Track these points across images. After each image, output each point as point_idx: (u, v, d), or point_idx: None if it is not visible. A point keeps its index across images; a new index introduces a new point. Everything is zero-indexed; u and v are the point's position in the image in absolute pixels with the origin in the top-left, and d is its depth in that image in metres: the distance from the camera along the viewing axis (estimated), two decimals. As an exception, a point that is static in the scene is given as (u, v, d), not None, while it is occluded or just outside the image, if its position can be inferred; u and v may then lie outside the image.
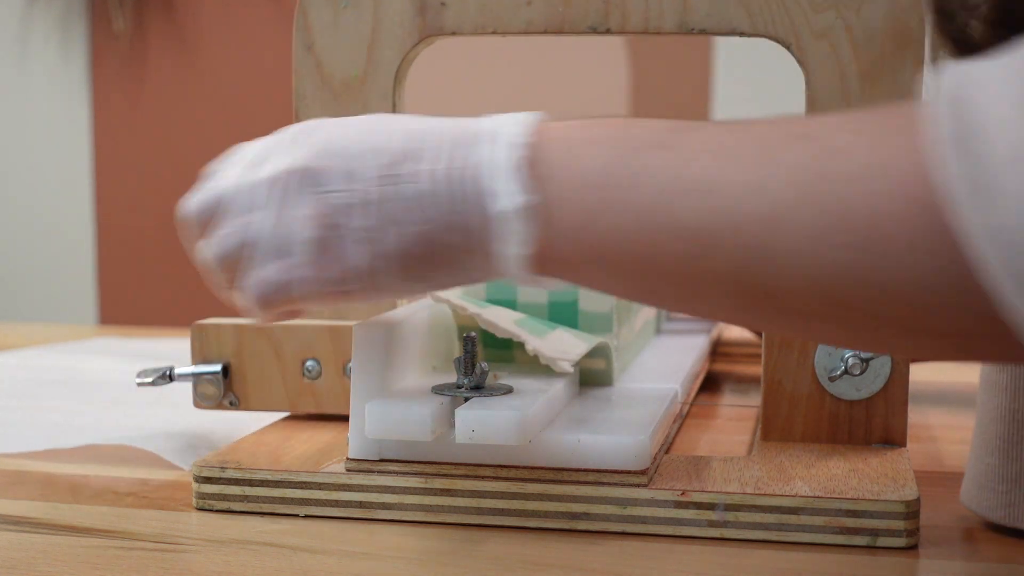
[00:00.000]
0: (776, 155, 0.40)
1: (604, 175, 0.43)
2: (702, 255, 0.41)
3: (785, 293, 0.40)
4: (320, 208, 0.46)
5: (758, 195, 0.39)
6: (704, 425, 0.69)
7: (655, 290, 0.44)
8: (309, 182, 0.47)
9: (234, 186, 0.49)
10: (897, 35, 0.57)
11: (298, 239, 0.47)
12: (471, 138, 0.46)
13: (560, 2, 0.60)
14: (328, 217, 0.46)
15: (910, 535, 0.49)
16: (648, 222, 0.42)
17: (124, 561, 0.48)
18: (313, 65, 0.63)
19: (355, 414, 0.53)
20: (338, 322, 0.63)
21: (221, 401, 0.64)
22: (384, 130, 0.47)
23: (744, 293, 0.41)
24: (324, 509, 0.53)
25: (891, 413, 0.59)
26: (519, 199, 0.44)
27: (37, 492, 0.58)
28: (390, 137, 0.47)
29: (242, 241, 0.48)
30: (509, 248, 0.45)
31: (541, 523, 0.52)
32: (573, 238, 0.44)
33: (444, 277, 0.47)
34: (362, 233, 0.46)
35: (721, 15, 0.58)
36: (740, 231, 0.40)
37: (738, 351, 0.89)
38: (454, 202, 0.45)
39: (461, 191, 0.45)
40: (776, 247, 0.39)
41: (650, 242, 0.42)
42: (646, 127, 0.44)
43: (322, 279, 0.47)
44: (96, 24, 2.40)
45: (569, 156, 0.45)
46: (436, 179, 0.46)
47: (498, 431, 0.50)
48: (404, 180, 0.46)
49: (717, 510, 0.50)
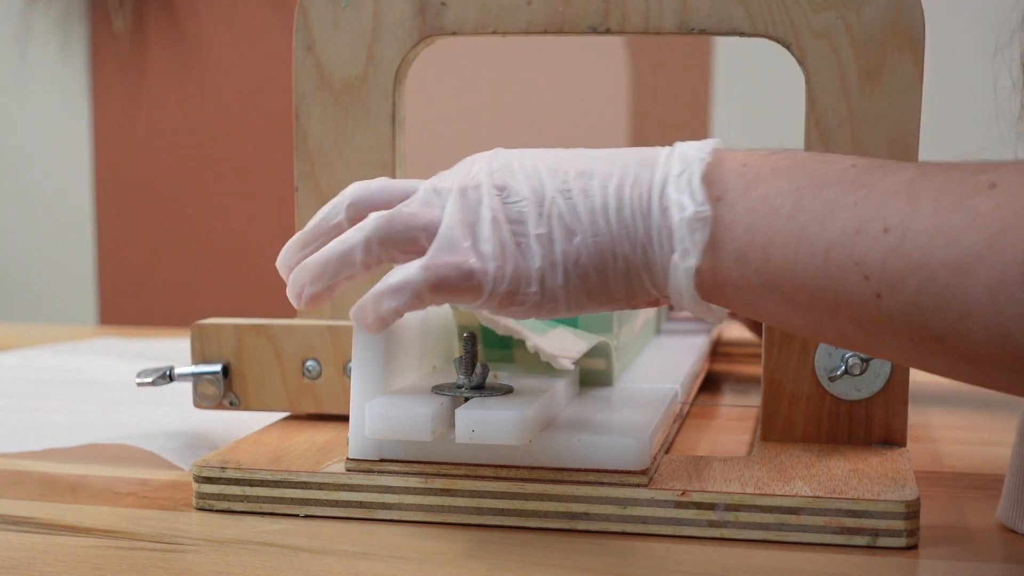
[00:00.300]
0: (966, 203, 0.40)
1: (789, 205, 0.44)
2: (886, 296, 0.42)
3: (965, 339, 0.41)
4: (505, 213, 0.48)
5: (948, 243, 0.40)
6: (704, 425, 0.69)
7: (832, 325, 0.45)
8: (495, 191, 0.49)
9: (413, 185, 0.51)
10: (897, 35, 0.57)
11: (484, 235, 0.48)
12: (647, 158, 0.48)
13: (560, 2, 0.60)
14: (511, 222, 0.48)
15: (910, 535, 0.49)
16: (829, 260, 0.43)
17: (124, 561, 0.48)
18: (313, 65, 0.63)
19: (355, 414, 0.53)
20: (338, 322, 0.63)
21: (221, 401, 0.64)
22: (561, 156, 0.50)
23: (925, 337, 0.42)
24: (324, 509, 0.54)
25: (891, 413, 0.59)
26: (690, 210, 0.46)
27: (37, 492, 0.58)
28: (567, 162, 0.49)
29: (426, 223, 0.49)
30: (678, 260, 0.46)
31: (541, 523, 0.52)
32: (743, 261, 0.45)
33: (613, 291, 0.48)
34: (541, 239, 0.48)
35: (721, 15, 0.58)
36: (927, 276, 0.41)
37: (738, 351, 0.89)
38: (626, 214, 0.47)
39: (632, 204, 0.47)
40: (960, 294, 0.40)
41: (829, 277, 0.43)
42: (833, 162, 0.46)
43: (499, 276, 0.48)
44: (96, 24, 2.40)
45: (748, 180, 0.46)
46: (608, 193, 0.47)
47: (498, 431, 0.50)
48: (579, 195, 0.48)
49: (717, 510, 0.50)
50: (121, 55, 2.40)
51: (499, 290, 0.48)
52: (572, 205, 0.48)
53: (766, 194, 0.45)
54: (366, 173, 0.63)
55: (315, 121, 0.63)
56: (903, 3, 0.57)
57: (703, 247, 0.46)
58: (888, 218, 0.42)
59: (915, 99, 0.57)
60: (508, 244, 0.48)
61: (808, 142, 0.58)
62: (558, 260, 0.48)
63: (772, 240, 0.45)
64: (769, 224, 0.45)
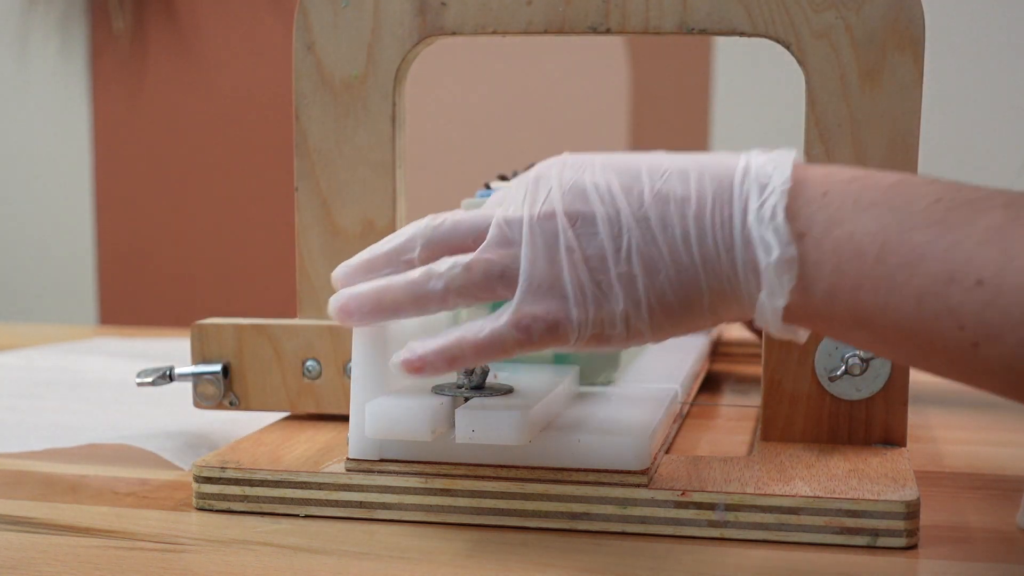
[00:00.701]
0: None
1: (876, 248, 0.44)
2: (983, 345, 0.42)
3: None
4: (583, 250, 0.47)
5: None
6: (704, 425, 0.69)
7: (926, 363, 0.45)
8: (567, 224, 0.47)
9: (484, 220, 0.49)
10: (897, 35, 0.57)
11: (565, 279, 0.47)
12: (723, 177, 0.46)
13: (560, 2, 0.60)
14: (590, 260, 0.47)
15: (910, 535, 0.49)
16: (922, 306, 0.43)
17: (124, 561, 0.48)
18: (313, 65, 0.63)
19: (355, 414, 0.53)
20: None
21: (221, 401, 0.64)
22: (634, 170, 0.47)
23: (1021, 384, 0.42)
24: (324, 509, 0.54)
25: (891, 413, 0.59)
26: (776, 252, 0.45)
27: (37, 492, 0.58)
28: (641, 178, 0.47)
29: (503, 269, 0.48)
30: (766, 299, 0.45)
31: (541, 523, 0.52)
32: (833, 300, 0.45)
33: (699, 320, 0.48)
34: (623, 279, 0.46)
35: (721, 15, 0.58)
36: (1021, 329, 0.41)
37: (738, 351, 0.89)
38: (709, 245, 0.46)
39: (715, 235, 0.46)
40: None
41: (921, 323, 0.43)
42: (916, 197, 0.44)
43: (583, 322, 0.47)
44: (96, 24, 2.40)
45: (831, 215, 0.45)
46: (688, 222, 0.46)
47: (498, 431, 0.50)
48: (658, 223, 0.46)
49: (717, 510, 0.50)
50: (121, 55, 2.40)
51: (584, 335, 0.47)
52: (651, 236, 0.46)
53: (851, 233, 0.44)
54: (366, 173, 0.63)
55: (315, 121, 0.63)
56: (903, 3, 0.57)
57: (791, 288, 0.45)
58: (981, 270, 0.41)
59: (915, 99, 0.57)
60: (589, 287, 0.47)
61: (808, 142, 0.58)
62: (641, 299, 0.47)
63: (861, 284, 0.44)
64: (857, 268, 0.44)
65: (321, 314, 0.64)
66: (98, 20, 2.40)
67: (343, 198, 0.64)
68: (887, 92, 0.57)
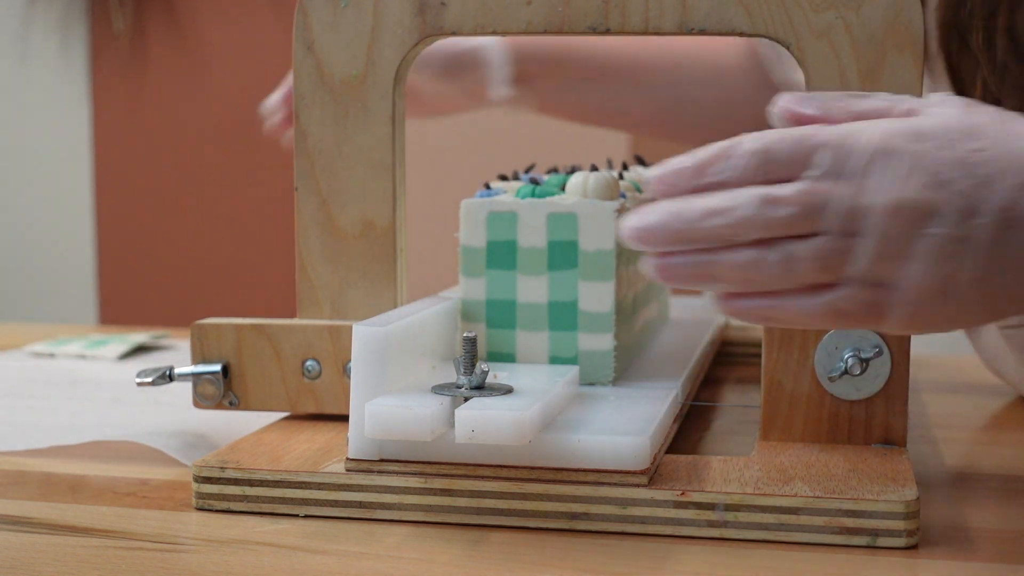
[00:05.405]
0: None
1: None
2: None
3: None
4: (932, 248, 0.44)
5: None
6: (704, 425, 0.69)
7: None
8: (918, 218, 0.44)
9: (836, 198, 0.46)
10: (897, 35, 0.57)
11: (908, 283, 0.45)
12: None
13: (560, 2, 0.60)
14: (942, 262, 0.44)
15: (910, 535, 0.49)
16: None
17: (124, 561, 0.48)
18: (313, 65, 0.63)
19: (355, 414, 0.53)
20: (338, 322, 0.63)
21: (221, 401, 0.64)
22: (984, 145, 0.45)
23: None
24: (324, 509, 0.54)
25: (891, 413, 0.59)
26: None
27: (37, 492, 0.58)
28: (997, 155, 0.44)
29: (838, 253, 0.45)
30: None
31: (541, 523, 0.52)
32: None
33: None
34: (975, 280, 0.44)
35: (721, 15, 0.58)
36: None
37: (738, 351, 0.89)
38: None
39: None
40: None
41: None
42: None
43: (933, 320, 0.46)
44: (96, 24, 2.40)
45: None
46: None
47: (498, 431, 0.50)
48: (1013, 226, 0.44)
49: (717, 510, 0.50)
50: (121, 55, 2.40)
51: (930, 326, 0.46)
52: (1014, 237, 0.44)
53: None
54: (366, 173, 0.63)
55: (315, 121, 0.63)
56: (903, 3, 0.57)
57: None
58: None
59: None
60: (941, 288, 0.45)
61: (808, 142, 0.58)
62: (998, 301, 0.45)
63: None
64: None
65: (321, 314, 0.64)
66: (98, 20, 2.40)
67: (343, 198, 0.64)
68: (887, 92, 0.57)
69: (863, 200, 0.44)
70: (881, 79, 0.57)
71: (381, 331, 0.53)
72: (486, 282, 0.63)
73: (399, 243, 0.64)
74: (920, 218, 0.44)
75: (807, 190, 0.45)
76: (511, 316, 0.63)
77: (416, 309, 0.59)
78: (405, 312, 0.58)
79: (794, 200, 0.45)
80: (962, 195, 0.44)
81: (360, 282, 0.64)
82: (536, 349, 0.63)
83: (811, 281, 0.46)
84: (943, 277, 0.45)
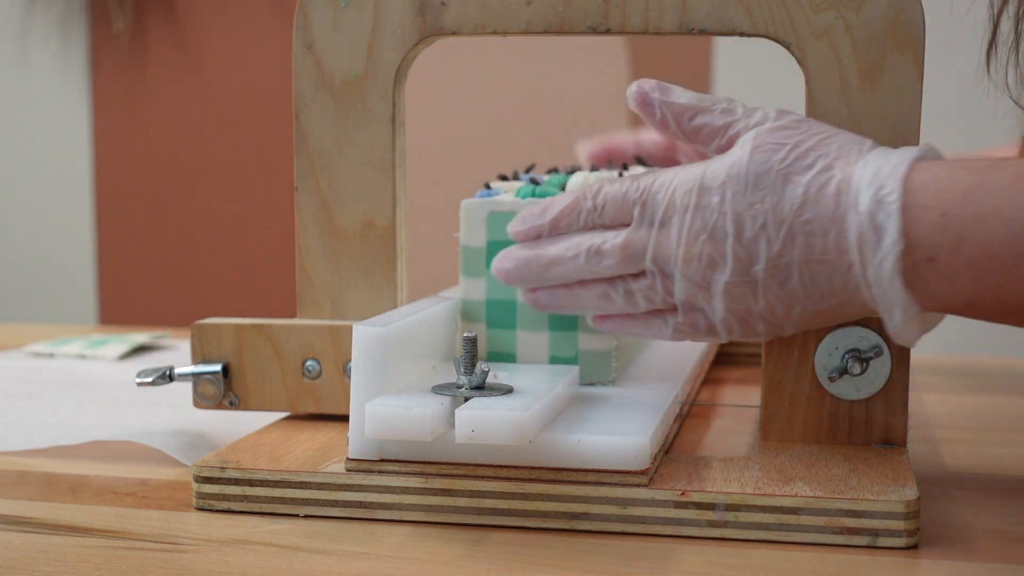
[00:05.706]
0: None
1: (1010, 249, 0.48)
2: None
3: None
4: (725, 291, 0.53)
5: None
6: (704, 425, 0.69)
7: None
8: (708, 266, 0.53)
9: None
10: (897, 35, 0.57)
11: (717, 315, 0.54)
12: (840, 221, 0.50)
13: (560, 2, 0.60)
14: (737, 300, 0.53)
15: (910, 535, 0.49)
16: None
17: (124, 561, 0.48)
18: (313, 65, 0.63)
19: (355, 414, 0.53)
20: (338, 322, 0.63)
21: (221, 401, 0.64)
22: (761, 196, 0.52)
23: None
24: (324, 509, 0.54)
25: (891, 413, 0.59)
26: (898, 319, 0.51)
27: (37, 492, 0.58)
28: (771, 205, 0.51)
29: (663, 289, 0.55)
30: (899, 335, 0.52)
31: (541, 523, 0.52)
32: (976, 304, 0.50)
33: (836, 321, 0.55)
34: (770, 312, 0.53)
35: (721, 15, 0.58)
36: None
37: (738, 351, 0.89)
38: (837, 286, 0.51)
39: (835, 282, 0.51)
40: None
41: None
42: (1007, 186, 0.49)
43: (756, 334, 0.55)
44: (96, 24, 2.40)
45: (957, 233, 0.49)
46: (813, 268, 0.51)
47: (498, 431, 0.50)
48: (784, 271, 0.51)
49: (717, 510, 0.50)
50: (121, 55, 2.40)
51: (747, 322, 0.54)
52: (785, 283, 0.52)
53: (982, 244, 0.48)
54: (366, 173, 0.63)
55: (315, 121, 0.63)
56: (903, 3, 0.57)
57: (922, 333, 0.52)
58: None
59: (915, 99, 0.57)
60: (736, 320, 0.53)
61: (808, 142, 0.58)
62: (787, 329, 0.54)
63: (1002, 285, 0.49)
64: (996, 272, 0.49)
65: (321, 314, 0.64)
66: (98, 20, 2.40)
67: (343, 198, 0.64)
68: (887, 92, 0.57)
69: (664, 251, 0.53)
70: (881, 79, 0.57)
71: (381, 331, 0.53)
72: (486, 282, 0.63)
73: (399, 243, 0.64)
74: (709, 266, 0.52)
75: (626, 242, 0.54)
76: (511, 316, 0.63)
77: (416, 309, 0.59)
78: (405, 312, 0.58)
79: (615, 253, 0.54)
80: (742, 246, 0.51)
81: (360, 282, 0.64)
82: (536, 349, 0.63)
83: (653, 308, 0.55)
84: (743, 311, 0.53)
